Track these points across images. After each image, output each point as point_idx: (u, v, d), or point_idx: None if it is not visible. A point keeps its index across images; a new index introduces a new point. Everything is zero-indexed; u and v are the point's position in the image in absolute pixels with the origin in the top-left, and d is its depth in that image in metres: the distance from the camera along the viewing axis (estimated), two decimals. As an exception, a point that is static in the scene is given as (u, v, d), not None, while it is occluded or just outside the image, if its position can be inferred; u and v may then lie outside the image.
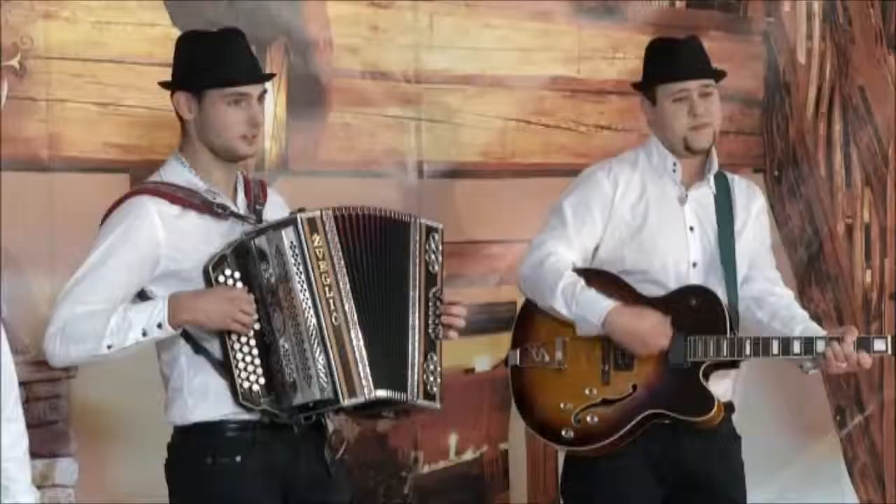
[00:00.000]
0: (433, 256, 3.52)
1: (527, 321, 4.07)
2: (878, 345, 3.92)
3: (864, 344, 3.90)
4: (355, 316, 3.39)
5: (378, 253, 3.45)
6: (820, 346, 3.90)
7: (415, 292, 3.47)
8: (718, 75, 4.10)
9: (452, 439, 5.01)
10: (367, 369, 3.37)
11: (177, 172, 3.51)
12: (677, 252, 4.03)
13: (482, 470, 5.09)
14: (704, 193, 4.09)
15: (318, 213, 3.40)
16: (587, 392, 3.96)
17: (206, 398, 3.42)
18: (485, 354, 5.02)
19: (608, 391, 3.96)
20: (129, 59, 4.34)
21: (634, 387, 3.95)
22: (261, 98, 3.52)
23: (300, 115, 4.66)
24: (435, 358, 3.48)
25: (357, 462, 4.78)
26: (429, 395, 3.47)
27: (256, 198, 3.56)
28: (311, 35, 4.69)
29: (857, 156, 5.98)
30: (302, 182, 4.61)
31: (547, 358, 4.00)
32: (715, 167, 4.09)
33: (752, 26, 5.74)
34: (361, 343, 3.38)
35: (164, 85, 3.55)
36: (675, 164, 4.07)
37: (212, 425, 3.42)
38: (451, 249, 3.63)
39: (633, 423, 3.93)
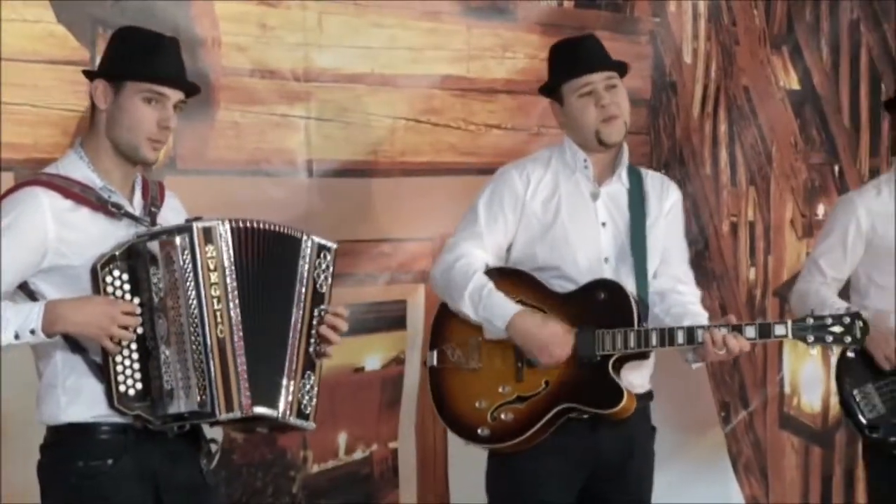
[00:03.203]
0: (322, 276, 3.49)
1: (443, 322, 4.08)
2: (779, 330, 3.97)
3: (764, 330, 3.96)
4: (241, 331, 3.36)
5: (267, 267, 3.42)
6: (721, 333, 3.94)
7: (298, 310, 3.44)
8: (621, 68, 4.14)
9: (342, 438, 5.00)
10: (247, 384, 3.34)
11: (74, 167, 3.45)
12: (589, 248, 4.06)
13: (372, 469, 5.09)
14: (617, 189, 4.12)
15: (214, 223, 3.36)
16: (501, 390, 3.99)
17: (80, 398, 3.36)
18: (374, 353, 5.02)
19: (521, 388, 3.98)
20: (14, 56, 4.28)
21: (547, 382, 3.98)
22: (177, 107, 3.49)
23: (188, 113, 4.51)
24: (312, 378, 3.45)
25: (245, 462, 4.76)
26: (302, 415, 3.44)
27: (153, 200, 3.51)
28: (199, 33, 4.65)
29: (741, 155, 6.06)
30: (190, 181, 4.57)
31: (463, 358, 4.03)
32: (625, 162, 4.12)
33: (639, 26, 5.79)
34: (244, 358, 3.35)
35: (87, 74, 3.50)
36: (585, 161, 4.09)
37: (84, 427, 3.37)
38: (341, 248, 3.61)
39: (547, 418, 3.95)
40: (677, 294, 4.12)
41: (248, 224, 3.41)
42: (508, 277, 4.03)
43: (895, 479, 4.57)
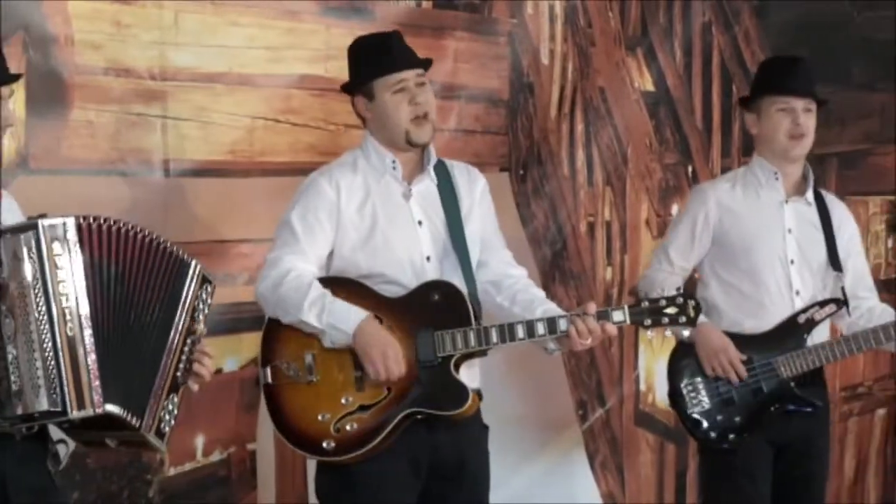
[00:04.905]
0: (202, 306, 3.51)
1: (273, 337, 4.01)
2: (617, 316, 4.02)
3: (603, 316, 3.99)
4: (90, 328, 3.32)
5: (141, 273, 3.40)
6: (563, 324, 3.96)
7: (176, 333, 3.44)
8: (429, 65, 4.16)
9: (199, 440, 4.96)
10: (98, 383, 3.31)
11: None
12: (410, 249, 4.05)
13: (230, 471, 5.05)
14: (427, 185, 4.12)
15: (60, 221, 3.32)
16: (343, 401, 3.94)
17: None
18: (233, 354, 4.98)
19: (364, 397, 3.94)
20: None
21: (389, 389, 3.95)
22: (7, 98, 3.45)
23: (41, 112, 4.54)
24: (175, 400, 3.46)
25: (100, 465, 4.69)
26: (160, 433, 3.44)
27: None
28: (52, 31, 4.56)
29: (598, 155, 6.14)
30: (44, 181, 4.49)
31: (299, 372, 3.97)
32: (433, 158, 4.12)
33: (497, 27, 5.83)
34: (94, 357, 3.31)
35: None
36: (394, 162, 4.10)
37: None
38: (199, 249, 3.60)
39: (393, 424, 3.93)
40: (511, 279, 4.15)
41: (106, 223, 3.37)
42: (339, 286, 3.98)
43: (722, 473, 4.66)
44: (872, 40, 6.74)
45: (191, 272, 3.49)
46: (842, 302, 4.69)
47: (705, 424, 4.62)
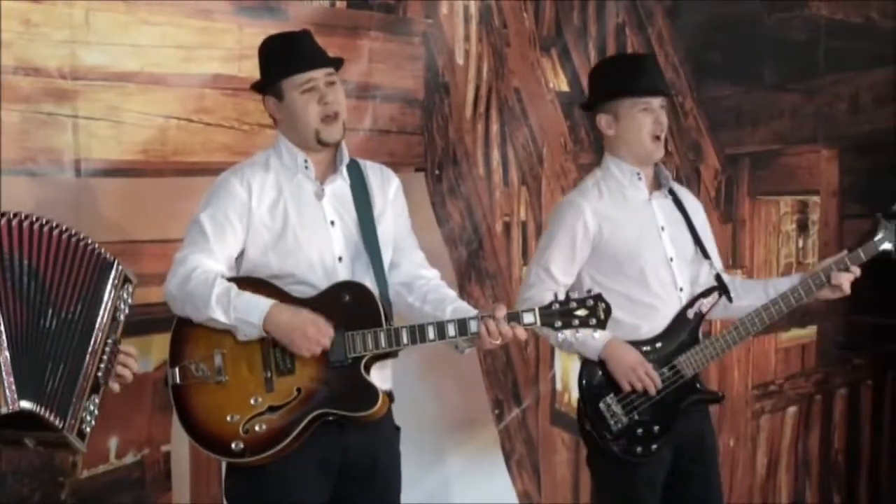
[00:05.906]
0: (123, 305, 3.48)
1: (182, 338, 3.99)
2: (527, 318, 4.02)
3: (513, 318, 3.99)
4: (1, 326, 3.28)
5: (58, 268, 3.36)
6: (473, 325, 3.97)
7: (98, 332, 3.41)
8: (339, 64, 4.15)
9: (112, 442, 4.92)
10: (12, 380, 3.27)
11: None
12: (321, 249, 4.05)
13: (143, 473, 5.02)
14: (340, 185, 4.12)
15: None
16: (252, 401, 3.94)
17: None
18: (147, 355, 4.93)
19: (273, 398, 3.94)
20: None
21: (299, 390, 3.95)
22: None
23: (-52, 111, 4.50)
24: (97, 401, 3.43)
25: (11, 469, 4.64)
26: (81, 434, 3.42)
27: None
28: (-41, 29, 4.53)
29: (513, 155, 6.15)
30: (-49, 181, 4.45)
31: (207, 372, 3.95)
32: (346, 158, 4.13)
33: (412, 27, 5.83)
34: (7, 354, 3.27)
35: None
36: (306, 161, 4.09)
37: None
38: (111, 249, 3.55)
39: (302, 425, 3.92)
40: (423, 280, 4.16)
41: (12, 217, 3.34)
42: (249, 286, 3.97)
43: (624, 484, 4.61)
44: (784, 41, 6.81)
45: (113, 271, 3.46)
46: (721, 289, 4.71)
47: (628, 440, 4.59)
